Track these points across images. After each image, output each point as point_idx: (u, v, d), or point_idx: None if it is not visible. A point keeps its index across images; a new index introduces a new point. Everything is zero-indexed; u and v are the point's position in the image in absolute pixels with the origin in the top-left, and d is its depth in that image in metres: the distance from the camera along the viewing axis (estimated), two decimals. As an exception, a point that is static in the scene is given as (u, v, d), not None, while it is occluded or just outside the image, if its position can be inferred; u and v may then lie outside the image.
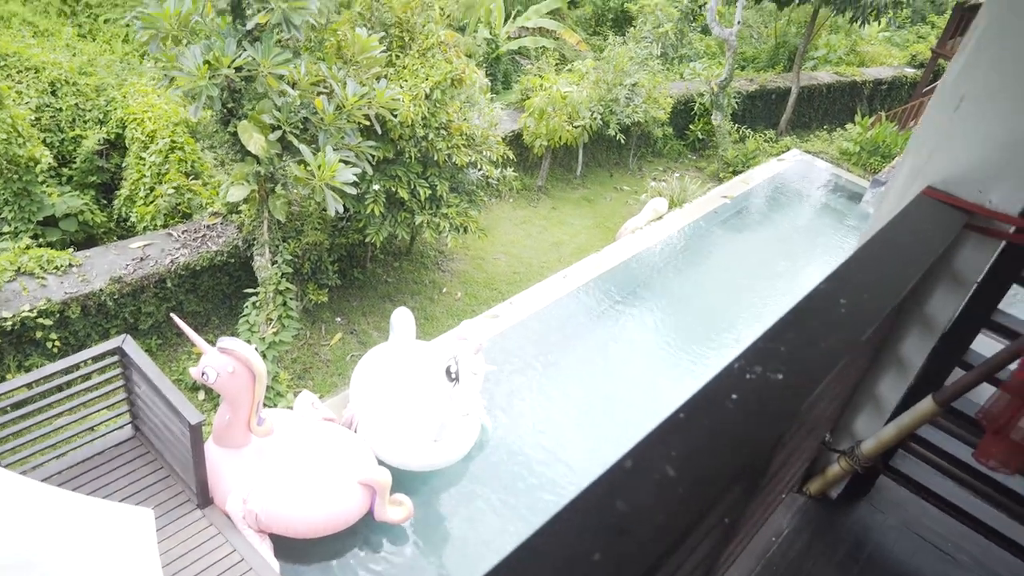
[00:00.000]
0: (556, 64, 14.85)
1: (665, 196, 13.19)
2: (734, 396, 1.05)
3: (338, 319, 9.44)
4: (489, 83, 11.70)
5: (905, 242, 1.56)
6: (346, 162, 7.22)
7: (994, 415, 1.86)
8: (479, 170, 9.70)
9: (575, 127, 12.62)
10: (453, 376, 6.33)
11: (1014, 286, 1.85)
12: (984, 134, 1.70)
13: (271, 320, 7.63)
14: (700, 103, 16.18)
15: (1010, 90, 1.64)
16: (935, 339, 1.91)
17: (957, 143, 1.74)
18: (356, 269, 10.18)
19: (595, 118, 13.07)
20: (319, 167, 6.78)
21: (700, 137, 16.33)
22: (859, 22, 15.72)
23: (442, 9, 10.44)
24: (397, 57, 9.10)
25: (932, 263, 1.82)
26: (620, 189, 14.59)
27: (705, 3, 17.21)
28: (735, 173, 15.12)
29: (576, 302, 9.79)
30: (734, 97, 16.28)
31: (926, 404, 1.90)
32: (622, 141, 14.07)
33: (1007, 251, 1.79)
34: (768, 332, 1.18)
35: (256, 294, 7.67)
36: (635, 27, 15.35)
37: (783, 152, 16.18)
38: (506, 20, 16.31)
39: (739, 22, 15.14)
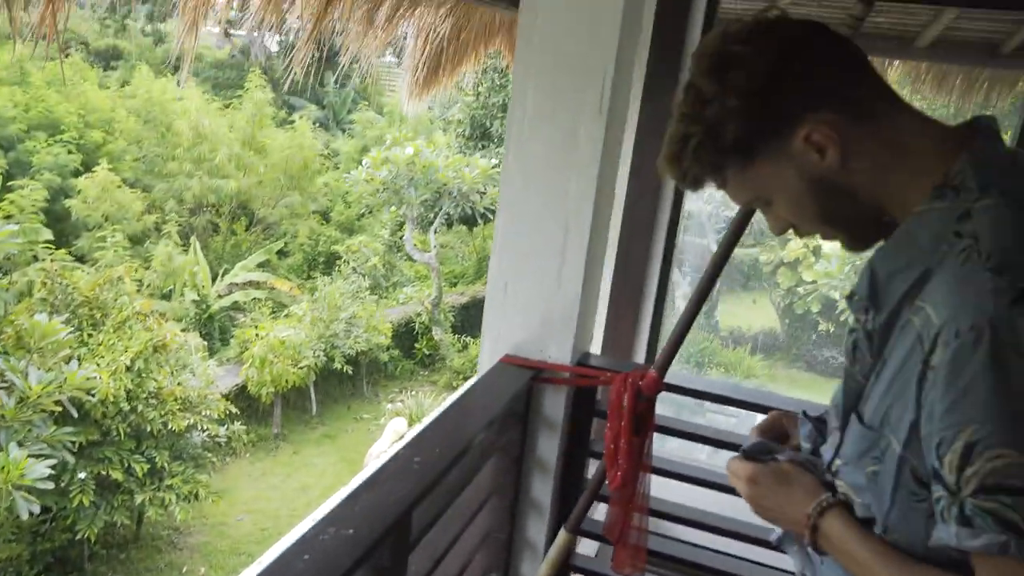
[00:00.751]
0: (272, 312, 15.11)
1: (403, 415, 13.50)
2: (306, 556, 1.24)
3: (53, 643, 8.10)
4: (204, 342, 11.55)
5: (482, 402, 1.93)
6: (39, 456, 6.62)
7: (612, 528, 2.20)
8: (203, 431, 9.32)
9: (300, 368, 12.72)
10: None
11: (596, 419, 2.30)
12: (529, 308, 2.18)
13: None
14: (420, 322, 17.20)
15: (532, 274, 2.14)
16: (553, 478, 2.27)
17: (514, 318, 2.20)
18: (72, 575, 8.94)
19: (319, 356, 13.32)
20: (2, 468, 6.14)
21: (427, 353, 17.19)
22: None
23: (138, 280, 10.38)
24: (90, 335, 8.76)
25: (525, 416, 2.22)
26: (360, 418, 14.68)
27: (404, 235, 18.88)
28: (465, 379, 15.97)
29: (329, 543, 9.39)
30: (449, 311, 17.57)
31: (562, 535, 2.20)
32: (350, 372, 14.37)
33: (577, 393, 2.24)
34: (344, 498, 1.40)
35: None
36: (339, 267, 16.33)
37: (503, 351, 17.53)
38: (214, 279, 16.43)
39: (436, 246, 16.72)
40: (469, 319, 18.97)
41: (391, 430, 12.62)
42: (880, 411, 0.93)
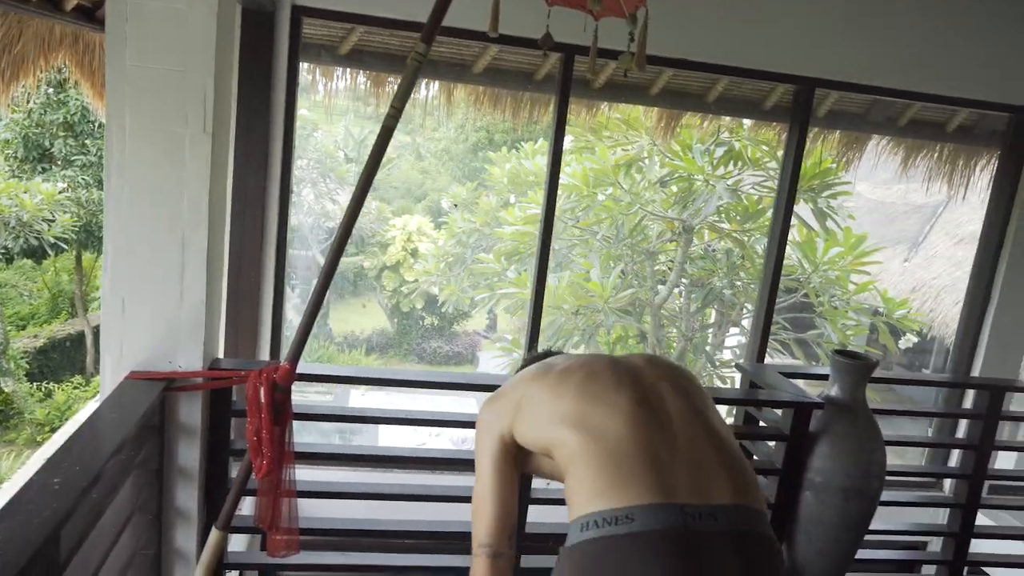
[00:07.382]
0: None
1: (-24, 487, 11.35)
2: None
3: None
4: None
5: (113, 420, 1.93)
6: None
7: (263, 517, 2.34)
8: None
9: None
10: None
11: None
12: (152, 321, 2.21)
13: None
14: (-18, 377, 14.51)
15: (152, 289, 2.18)
16: (197, 484, 2.33)
17: (137, 334, 2.21)
18: None
19: None
20: None
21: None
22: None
23: None
24: None
25: (161, 428, 2.26)
26: (-88, 504, 11.94)
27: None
28: (54, 430, 13.94)
29: None
30: (21, 358, 15.14)
31: (213, 535, 2.28)
32: None
33: (213, 396, 2.35)
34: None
35: None
36: None
37: (96, 393, 15.66)
38: None
39: (-6, 285, 14.26)
40: (50, 363, 16.50)
41: (-39, 509, 10.54)
42: None
